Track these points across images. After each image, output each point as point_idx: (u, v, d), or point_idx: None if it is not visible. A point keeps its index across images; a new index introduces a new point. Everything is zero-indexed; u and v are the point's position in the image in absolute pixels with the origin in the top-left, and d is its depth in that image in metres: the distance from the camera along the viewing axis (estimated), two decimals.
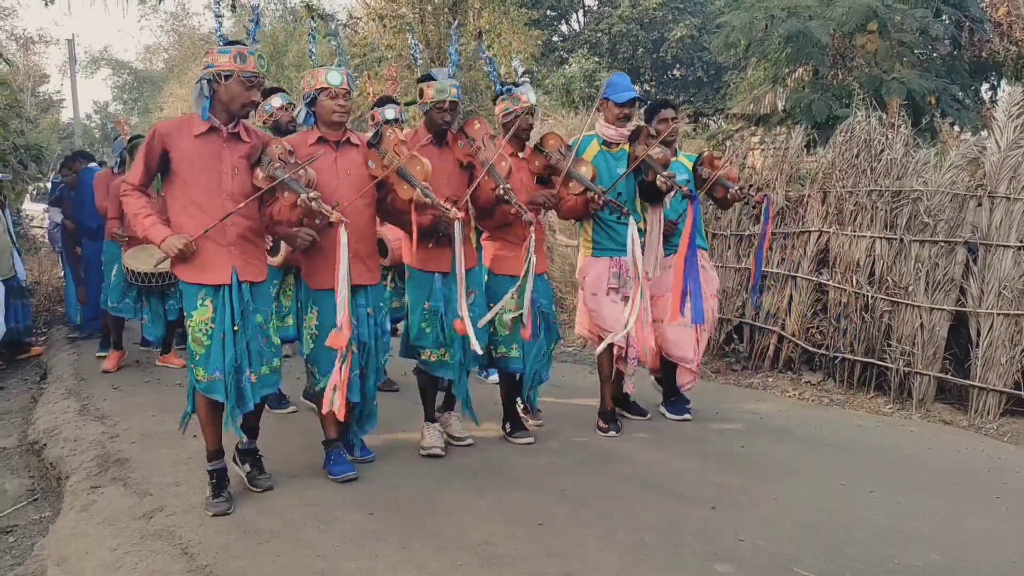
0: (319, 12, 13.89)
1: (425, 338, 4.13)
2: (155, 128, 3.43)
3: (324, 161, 3.70)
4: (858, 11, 7.36)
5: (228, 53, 3.31)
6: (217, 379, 3.38)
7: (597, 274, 4.62)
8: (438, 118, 4.05)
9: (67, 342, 7.77)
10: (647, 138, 4.43)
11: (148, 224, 3.37)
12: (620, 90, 4.58)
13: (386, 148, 3.79)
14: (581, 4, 24.97)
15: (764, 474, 4.05)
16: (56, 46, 34.80)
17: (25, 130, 12.38)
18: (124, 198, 3.46)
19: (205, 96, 3.35)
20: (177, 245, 3.30)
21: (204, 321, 3.38)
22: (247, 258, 3.49)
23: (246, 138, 3.49)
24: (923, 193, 5.83)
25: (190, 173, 3.37)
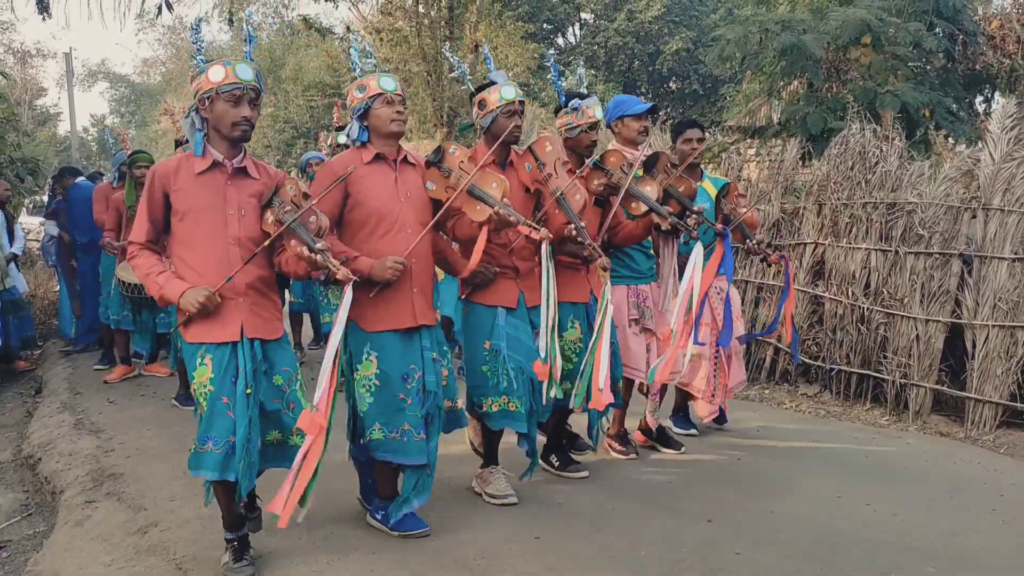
0: (316, 26, 13.99)
1: (485, 384, 3.60)
2: (152, 171, 3.01)
3: (384, 181, 3.27)
4: (852, 25, 7.41)
5: (204, 72, 2.93)
6: (209, 451, 2.85)
7: (615, 304, 4.08)
8: (508, 124, 3.52)
9: (62, 356, 7.75)
10: (667, 166, 4.05)
11: (162, 282, 2.90)
12: (633, 104, 4.25)
13: (450, 165, 3.34)
14: (578, 17, 25.08)
15: (761, 488, 4.05)
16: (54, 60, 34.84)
17: (22, 143, 12.38)
18: (131, 260, 3.01)
19: (197, 129, 2.97)
20: (198, 299, 2.83)
21: (203, 383, 2.89)
22: (258, 311, 3.00)
23: (255, 174, 3.04)
24: (918, 205, 5.85)
25: (192, 216, 2.93)
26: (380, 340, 3.23)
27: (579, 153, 3.98)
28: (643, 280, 4.30)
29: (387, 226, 3.24)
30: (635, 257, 4.30)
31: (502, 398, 3.58)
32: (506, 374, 3.54)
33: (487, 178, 3.30)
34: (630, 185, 3.80)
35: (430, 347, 3.33)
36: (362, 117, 3.28)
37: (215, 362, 2.89)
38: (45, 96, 33.38)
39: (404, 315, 3.25)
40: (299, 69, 21.77)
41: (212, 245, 2.94)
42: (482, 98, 3.60)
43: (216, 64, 2.93)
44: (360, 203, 3.24)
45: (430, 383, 3.29)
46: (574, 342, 3.89)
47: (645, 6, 22.36)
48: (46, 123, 30.74)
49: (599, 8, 23.61)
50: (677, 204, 4.00)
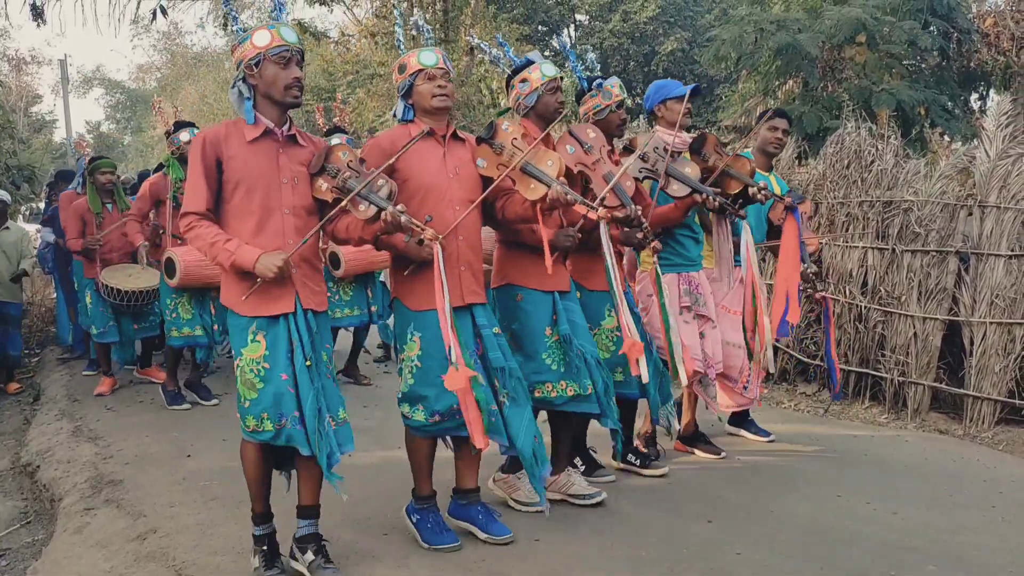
0: (311, 30, 14.01)
1: (547, 371, 3.48)
2: (202, 136, 2.91)
3: (431, 156, 3.18)
4: (847, 24, 7.43)
5: (248, 39, 2.85)
6: (293, 428, 2.79)
7: (666, 292, 3.91)
8: (552, 100, 3.54)
9: (59, 363, 7.74)
10: (716, 147, 3.96)
11: (232, 248, 2.79)
12: (674, 87, 4.14)
13: (502, 142, 3.26)
14: (572, 19, 25.11)
15: (761, 487, 4.05)
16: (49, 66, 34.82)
17: (18, 151, 12.37)
18: (191, 232, 2.87)
19: (246, 97, 2.88)
20: (276, 263, 2.74)
21: (256, 359, 2.82)
22: (309, 284, 2.96)
23: (303, 143, 2.99)
24: (914, 203, 5.86)
25: (245, 185, 2.86)
26: (424, 319, 3.10)
27: (611, 134, 3.90)
28: (693, 267, 4.19)
29: (435, 201, 3.14)
30: (685, 244, 4.20)
31: (560, 383, 3.49)
32: (574, 359, 3.45)
33: (542, 155, 3.22)
34: (669, 166, 3.72)
35: (487, 323, 3.23)
36: (406, 95, 3.20)
37: (269, 339, 2.83)
38: (40, 103, 33.37)
39: (454, 293, 3.06)
40: None
41: (267, 215, 2.87)
42: (523, 77, 3.57)
43: (260, 29, 2.87)
44: (409, 178, 3.15)
45: (496, 359, 3.16)
46: (611, 330, 3.80)
47: (640, 7, 22.39)
48: (41, 130, 30.70)
49: (594, 9, 23.64)
50: (738, 182, 3.85)
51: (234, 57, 2.91)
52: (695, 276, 4.21)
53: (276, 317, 2.85)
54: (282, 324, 2.85)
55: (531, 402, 3.31)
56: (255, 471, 2.98)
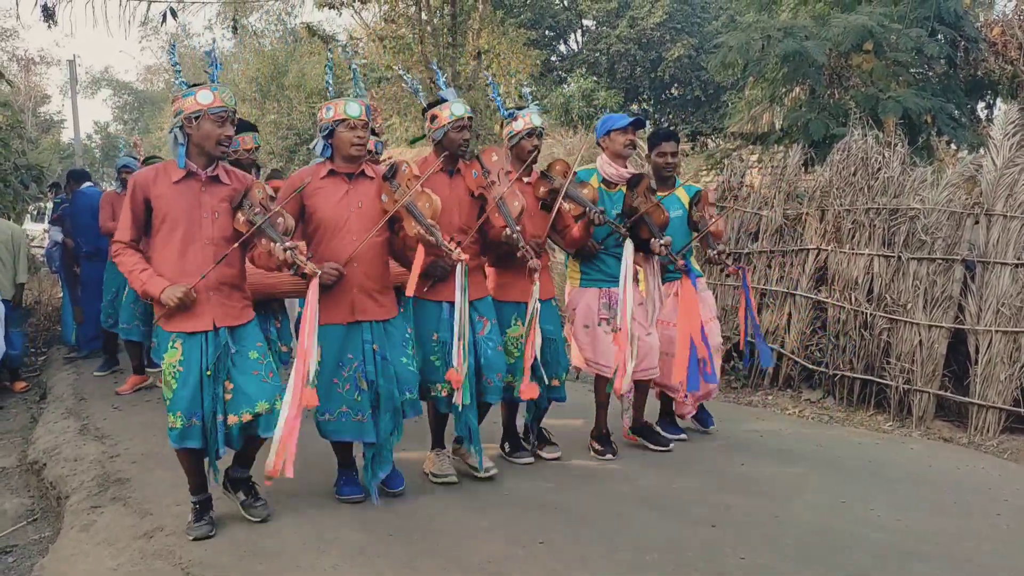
0: (320, 34, 14.05)
1: (435, 372, 3.94)
2: (133, 180, 3.38)
3: (334, 193, 3.66)
4: (854, 31, 7.43)
5: (192, 95, 3.29)
6: (195, 425, 3.33)
7: (587, 305, 4.50)
8: (458, 138, 3.95)
9: (66, 362, 7.76)
10: (646, 191, 4.37)
11: (145, 279, 3.30)
12: (618, 119, 4.53)
13: (399, 182, 3.67)
14: (580, 24, 25.15)
15: (765, 492, 4.05)
16: (57, 67, 35.03)
17: (26, 150, 12.42)
18: (116, 258, 3.40)
19: (180, 144, 3.33)
20: (176, 295, 3.23)
21: (172, 364, 3.31)
22: (227, 303, 3.40)
23: (226, 180, 3.43)
24: (920, 211, 5.87)
25: (170, 219, 3.32)
26: (322, 331, 3.48)
27: (523, 160, 4.27)
28: (614, 283, 4.44)
29: (333, 233, 3.63)
30: (607, 261, 4.50)
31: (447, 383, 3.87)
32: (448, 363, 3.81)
33: (423, 197, 3.63)
34: (568, 188, 4.16)
35: (371, 340, 3.69)
36: (327, 136, 3.65)
37: (185, 348, 3.31)
38: (49, 103, 33.56)
39: (342, 311, 3.63)
40: (302, 76, 21.85)
41: (190, 245, 3.34)
42: (433, 114, 3.98)
43: (204, 88, 3.32)
44: (314, 211, 3.66)
45: (369, 372, 3.66)
46: (517, 338, 4.24)
47: (647, 13, 22.41)
48: (50, 130, 30.86)
49: (601, 15, 23.67)
50: (647, 231, 4.33)
51: (175, 106, 3.37)
52: (615, 291, 4.45)
53: (193, 332, 3.32)
54: (198, 338, 3.33)
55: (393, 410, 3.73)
56: (185, 461, 3.49)
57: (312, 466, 4.13)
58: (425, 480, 4.13)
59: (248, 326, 3.47)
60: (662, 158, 4.75)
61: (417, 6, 13.46)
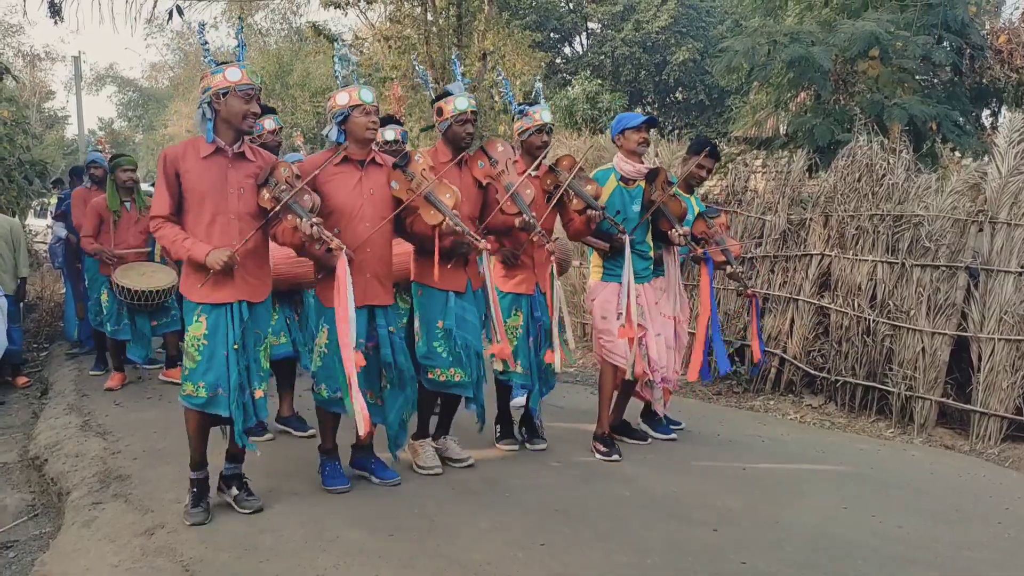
0: (325, 33, 14.06)
1: (437, 358, 4.09)
2: (163, 154, 3.49)
3: (348, 180, 3.77)
4: (860, 37, 7.42)
5: (221, 71, 3.41)
6: (221, 395, 3.42)
7: (605, 299, 4.60)
8: (460, 131, 4.08)
9: (67, 358, 7.77)
10: (664, 183, 4.47)
11: (188, 245, 3.40)
12: (631, 118, 4.64)
13: (414, 171, 3.79)
14: (584, 27, 25.16)
15: (766, 497, 4.05)
16: (62, 63, 35.09)
17: (30, 146, 12.44)
18: (157, 232, 3.49)
19: (208, 119, 3.44)
20: (221, 258, 3.33)
21: (197, 337, 3.42)
22: (249, 278, 3.52)
23: (252, 157, 3.55)
24: (924, 218, 5.86)
25: (197, 194, 3.43)
26: (330, 313, 3.66)
27: (532, 155, 4.43)
28: (637, 280, 4.50)
29: (347, 220, 3.73)
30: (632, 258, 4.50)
31: (449, 370, 4.09)
32: (455, 349, 4.05)
33: (443, 188, 3.76)
34: (572, 183, 4.25)
35: (385, 324, 3.84)
36: (341, 122, 3.74)
37: (210, 320, 3.42)
38: (53, 99, 33.57)
39: (358, 295, 3.65)
40: (306, 75, 21.86)
41: (216, 219, 3.44)
42: (439, 107, 4.13)
43: (232, 66, 3.44)
44: (328, 196, 3.72)
45: (386, 354, 3.82)
46: (514, 328, 4.43)
47: (652, 16, 22.43)
48: (54, 126, 30.88)
49: (606, 18, 23.69)
50: (667, 222, 4.46)
51: (203, 83, 3.47)
52: (637, 288, 4.52)
53: (218, 305, 3.43)
54: (223, 311, 3.44)
55: (414, 388, 3.98)
56: (194, 427, 3.55)
57: (310, 464, 4.14)
58: (419, 478, 4.16)
59: (262, 306, 3.59)
60: (700, 169, 4.97)
61: (423, 7, 13.48)
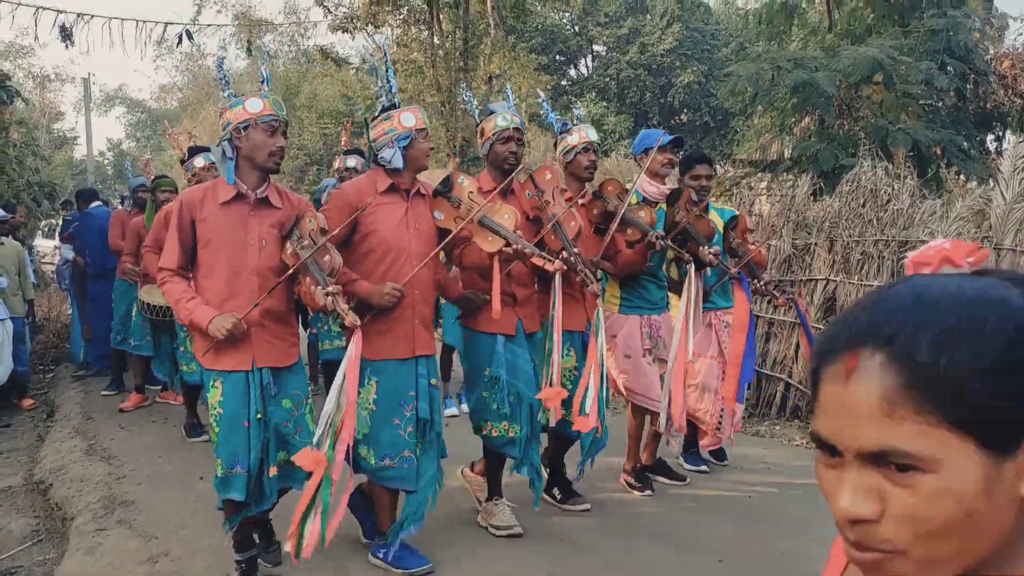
0: (333, 56, 14.19)
1: (486, 410, 3.62)
2: (180, 199, 3.12)
3: (394, 211, 3.30)
4: (864, 63, 7.48)
5: (240, 103, 3.02)
6: (239, 475, 2.97)
7: (628, 333, 4.23)
8: (503, 151, 3.63)
9: (74, 380, 7.78)
10: (688, 203, 4.17)
11: (191, 307, 2.98)
12: (657, 136, 4.32)
13: (459, 196, 3.39)
14: (590, 49, 25.35)
15: (773, 527, 4.02)
16: (72, 84, 35.46)
17: (39, 168, 12.54)
18: (163, 287, 3.09)
19: (228, 158, 3.05)
20: (225, 325, 2.90)
21: (213, 405, 3.03)
22: (271, 340, 3.09)
23: (277, 203, 3.12)
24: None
25: (214, 245, 3.03)
26: (379, 366, 3.25)
27: (580, 179, 4.06)
28: (656, 310, 4.32)
29: (394, 256, 3.28)
30: (648, 287, 4.32)
31: (502, 424, 3.61)
32: (505, 401, 3.56)
33: (499, 209, 3.37)
34: (625, 212, 3.88)
35: (427, 374, 3.37)
36: (407, 147, 3.27)
37: (225, 388, 2.99)
38: (63, 120, 33.89)
39: (404, 345, 3.30)
40: (313, 97, 22.04)
41: (233, 274, 3.02)
42: (481, 128, 3.73)
43: (253, 96, 3.04)
44: (371, 232, 3.28)
45: (423, 410, 3.31)
46: (569, 370, 3.91)
47: (657, 39, 22.60)
48: (63, 146, 31.13)
49: (612, 41, 23.87)
50: (695, 244, 4.10)
51: (223, 118, 3.07)
52: (656, 319, 4.32)
53: (234, 372, 3.01)
54: (241, 378, 3.01)
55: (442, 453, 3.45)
56: (230, 509, 3.10)
57: None
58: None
59: (291, 369, 3.16)
60: (696, 181, 4.51)
61: (429, 31, 13.59)
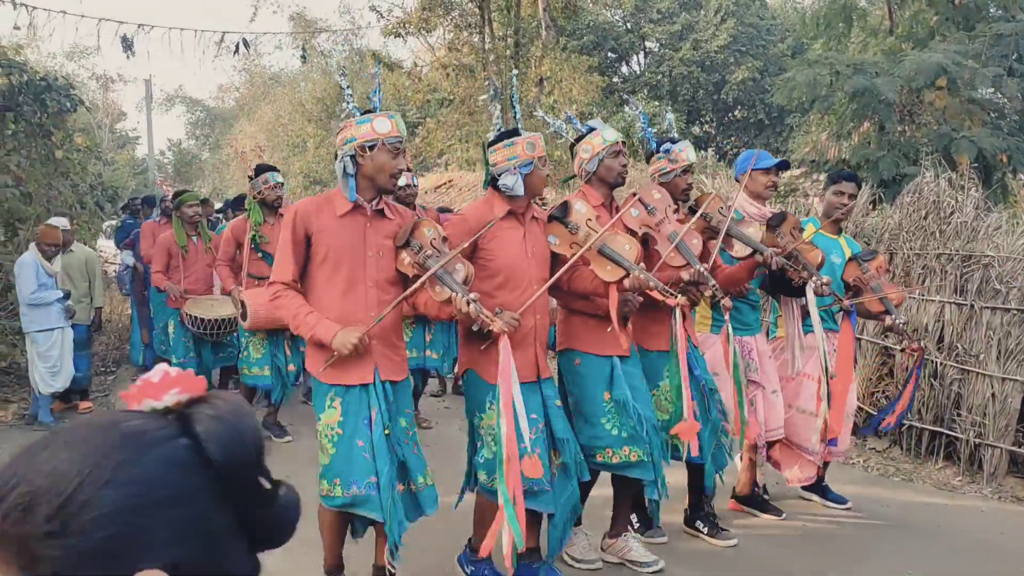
0: (386, 62, 14.30)
1: (606, 436, 3.43)
2: (295, 209, 3.05)
3: (514, 237, 3.27)
4: (927, 68, 7.25)
5: (368, 121, 2.96)
6: (370, 495, 2.87)
7: (716, 352, 4.07)
8: (615, 165, 3.56)
9: (132, 383, 7.93)
10: (794, 229, 3.93)
11: (313, 323, 2.92)
12: (763, 158, 4.22)
13: (577, 222, 3.33)
14: (642, 46, 25.09)
15: (829, 559, 3.93)
16: (134, 84, 36.42)
17: (103, 171, 12.89)
18: (276, 301, 3.03)
19: (349, 174, 3.00)
20: (351, 340, 2.84)
21: (331, 425, 2.93)
22: (389, 354, 3.06)
23: (391, 215, 3.11)
24: (995, 259, 5.67)
25: (333, 257, 2.98)
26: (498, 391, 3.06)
27: (675, 198, 3.93)
28: (748, 331, 4.20)
29: (515, 282, 3.24)
30: (740, 308, 4.20)
31: (623, 449, 3.43)
32: (627, 423, 3.41)
33: (619, 239, 3.28)
34: (731, 227, 3.74)
35: (552, 396, 3.33)
36: (529, 174, 3.25)
37: (344, 405, 2.94)
38: (125, 120, 34.81)
39: (529, 368, 3.23)
40: (366, 98, 22.22)
41: (352, 286, 2.99)
42: (586, 144, 3.61)
43: (382, 116, 3.00)
44: (491, 258, 3.24)
45: (559, 430, 3.25)
46: (667, 392, 3.76)
47: (711, 35, 22.27)
48: (125, 146, 31.99)
49: (664, 37, 23.59)
50: (799, 271, 3.81)
51: (344, 133, 3.01)
52: (748, 340, 4.20)
53: (353, 386, 2.96)
54: (360, 392, 2.96)
55: (585, 471, 3.35)
56: (329, 532, 3.09)
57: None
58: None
59: (405, 384, 3.13)
60: (839, 197, 4.38)
61: (480, 34, 13.61)
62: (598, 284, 3.31)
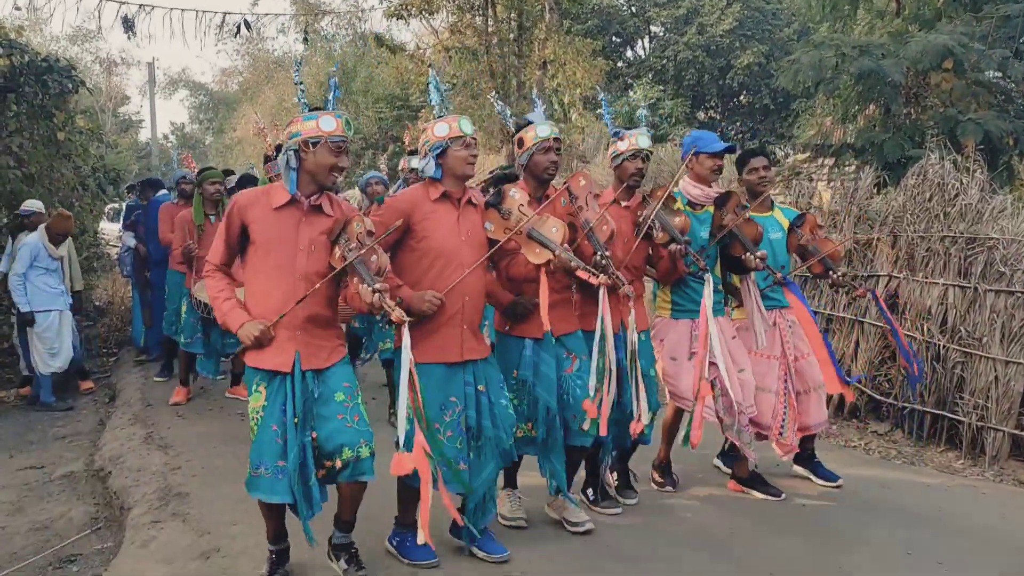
0: (388, 44, 14.21)
1: (513, 411, 3.59)
2: (234, 200, 3.18)
3: (446, 219, 3.38)
4: (933, 50, 7.17)
5: (314, 119, 3.08)
6: (261, 475, 3.04)
7: (677, 337, 4.26)
8: (543, 160, 3.68)
9: (135, 365, 7.99)
10: (736, 207, 4.13)
11: (226, 309, 3.12)
12: (710, 141, 4.29)
13: (509, 208, 3.44)
14: (647, 31, 24.94)
15: (828, 539, 3.91)
16: (137, 68, 36.29)
17: (105, 154, 12.86)
18: (206, 280, 3.24)
19: (292, 168, 3.11)
20: (253, 332, 3.03)
21: (256, 409, 3.08)
22: (315, 342, 3.14)
23: (329, 211, 3.18)
24: (999, 241, 5.62)
25: (264, 249, 3.10)
26: (423, 370, 3.22)
27: (624, 182, 4.06)
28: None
29: (444, 263, 3.34)
30: (698, 290, 4.19)
31: (527, 424, 3.69)
32: (525, 401, 3.66)
33: (547, 223, 3.40)
34: (658, 214, 3.91)
35: (473, 381, 3.42)
36: (440, 155, 3.38)
37: (268, 390, 3.07)
38: (128, 103, 34.74)
39: (451, 350, 3.37)
40: (370, 81, 22.13)
41: (280, 278, 3.09)
42: (520, 137, 3.76)
43: (328, 115, 3.11)
44: (424, 239, 3.35)
45: (470, 417, 3.38)
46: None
47: (717, 20, 22.11)
48: (128, 130, 31.93)
49: (669, 22, 23.44)
50: (741, 247, 4.08)
51: (291, 127, 3.13)
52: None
53: (275, 373, 3.08)
54: (280, 380, 3.08)
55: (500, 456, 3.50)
56: (264, 508, 3.21)
57: None
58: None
59: (336, 367, 3.19)
60: (754, 175, 4.47)
61: (483, 17, 13.51)
62: (531, 269, 3.46)
